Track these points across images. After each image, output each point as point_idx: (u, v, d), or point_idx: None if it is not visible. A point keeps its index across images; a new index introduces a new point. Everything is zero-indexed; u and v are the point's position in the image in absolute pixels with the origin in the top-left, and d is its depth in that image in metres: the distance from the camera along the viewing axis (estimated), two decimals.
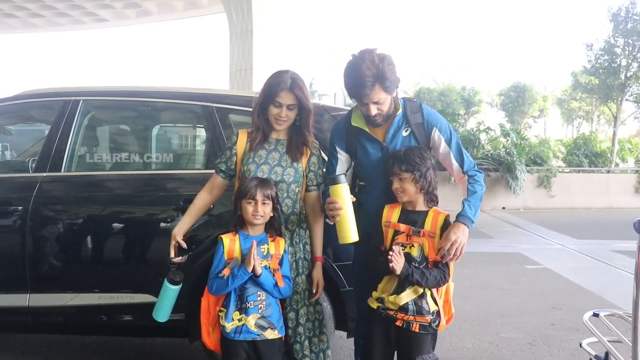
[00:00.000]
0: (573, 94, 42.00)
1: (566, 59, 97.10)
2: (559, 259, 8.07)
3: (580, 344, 3.22)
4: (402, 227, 2.59)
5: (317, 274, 2.82)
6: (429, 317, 2.55)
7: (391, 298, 2.55)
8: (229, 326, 2.55)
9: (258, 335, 2.55)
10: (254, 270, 2.48)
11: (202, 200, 2.87)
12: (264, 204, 2.60)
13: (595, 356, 3.07)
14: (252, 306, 2.55)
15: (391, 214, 2.66)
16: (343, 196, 2.53)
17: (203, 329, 2.67)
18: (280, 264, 2.64)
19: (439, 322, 2.61)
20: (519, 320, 4.98)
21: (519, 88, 47.40)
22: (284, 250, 2.68)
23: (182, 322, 3.23)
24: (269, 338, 2.58)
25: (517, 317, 5.08)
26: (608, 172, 17.34)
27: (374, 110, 2.65)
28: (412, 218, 2.62)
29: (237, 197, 2.69)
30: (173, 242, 2.78)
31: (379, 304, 2.61)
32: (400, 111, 2.77)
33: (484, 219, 12.63)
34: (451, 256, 2.54)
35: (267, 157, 2.77)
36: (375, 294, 2.64)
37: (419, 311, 2.54)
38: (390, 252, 2.45)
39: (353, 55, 2.66)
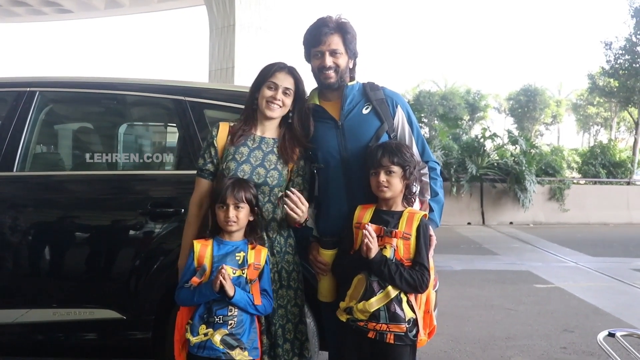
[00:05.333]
0: (590, 98, 42.33)
1: (582, 60, 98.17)
2: (572, 278, 8.11)
3: None
4: (374, 227, 2.55)
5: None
6: (404, 326, 2.50)
7: (360, 305, 2.51)
8: (194, 340, 2.52)
9: (223, 353, 2.51)
10: (224, 290, 2.46)
11: (196, 225, 2.77)
12: (237, 208, 2.57)
13: None
14: (221, 321, 2.52)
15: (363, 215, 2.65)
16: (332, 261, 2.71)
17: (175, 345, 2.65)
18: (260, 275, 2.62)
19: (417, 332, 2.57)
20: (527, 344, 4.99)
21: (529, 92, 47.71)
22: (266, 261, 2.65)
23: (148, 341, 3.22)
24: (236, 359, 2.52)
25: (525, 340, 5.09)
26: (628, 183, 17.43)
27: (328, 60, 2.73)
28: (385, 219, 2.61)
29: (211, 201, 2.68)
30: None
31: (348, 316, 2.58)
32: (355, 83, 2.85)
33: (489, 234, 12.70)
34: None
35: (249, 156, 2.74)
36: (342, 304, 2.60)
37: (393, 318, 2.50)
38: (363, 231, 2.46)
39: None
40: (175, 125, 3.75)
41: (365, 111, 2.80)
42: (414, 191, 2.69)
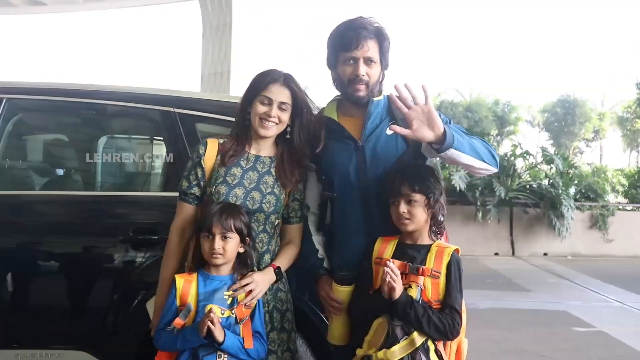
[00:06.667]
0: (638, 110, 42.36)
1: (630, 67, 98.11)
2: (618, 321, 8.09)
3: None
4: (398, 263, 2.49)
5: (260, 277, 2.64)
6: None
7: (380, 354, 2.43)
8: None
9: None
10: (212, 335, 2.42)
11: (177, 256, 2.74)
12: (225, 238, 2.53)
13: None
14: None
15: (384, 249, 2.61)
16: (349, 298, 2.67)
17: None
18: (252, 316, 2.60)
19: None
20: None
21: (567, 103, 47.98)
22: (258, 300, 2.62)
23: None
24: None
25: None
26: None
27: (363, 69, 2.65)
28: (411, 254, 2.56)
29: (196, 229, 2.66)
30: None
31: None
32: (381, 99, 2.78)
33: (520, 267, 12.68)
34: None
35: (243, 178, 2.71)
36: (360, 352, 2.54)
37: None
38: (385, 269, 2.41)
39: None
40: (162, 139, 3.76)
41: (389, 132, 2.70)
42: (441, 220, 2.64)
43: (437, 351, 2.49)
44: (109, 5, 44.42)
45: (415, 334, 2.44)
